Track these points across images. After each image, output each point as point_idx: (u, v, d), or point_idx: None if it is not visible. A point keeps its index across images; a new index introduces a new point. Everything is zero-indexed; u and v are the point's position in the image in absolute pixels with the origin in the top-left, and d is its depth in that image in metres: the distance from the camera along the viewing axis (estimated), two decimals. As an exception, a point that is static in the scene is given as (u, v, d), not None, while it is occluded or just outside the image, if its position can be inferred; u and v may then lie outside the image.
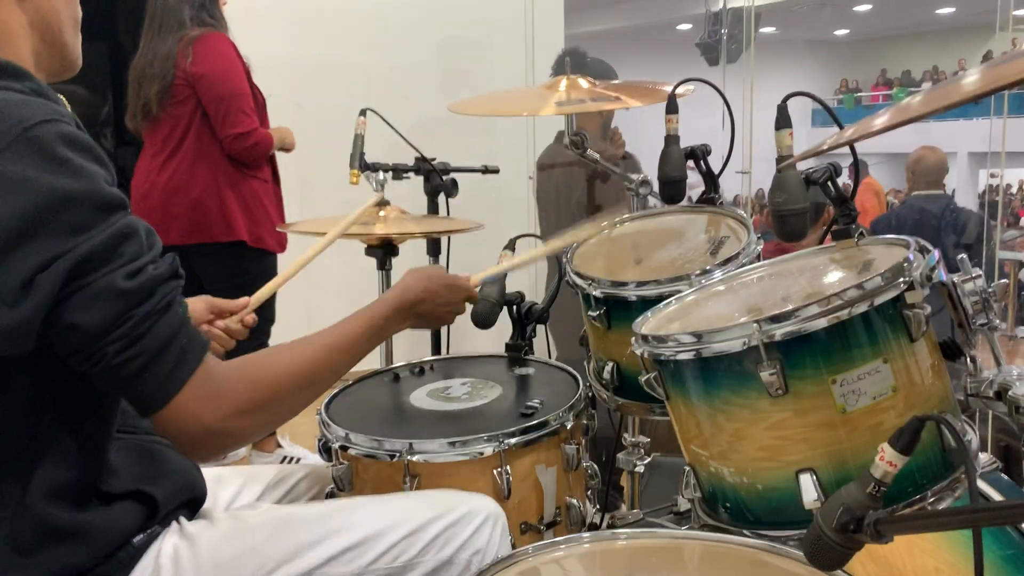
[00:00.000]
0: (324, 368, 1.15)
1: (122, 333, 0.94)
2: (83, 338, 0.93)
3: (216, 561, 1.11)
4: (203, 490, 1.22)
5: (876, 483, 0.82)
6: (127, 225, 0.95)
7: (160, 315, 0.97)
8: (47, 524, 1.00)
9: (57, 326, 0.92)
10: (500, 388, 1.61)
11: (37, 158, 0.89)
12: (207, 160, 2.91)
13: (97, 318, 0.92)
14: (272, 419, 1.10)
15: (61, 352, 0.95)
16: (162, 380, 0.97)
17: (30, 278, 0.89)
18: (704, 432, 1.17)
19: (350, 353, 1.20)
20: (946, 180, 4.63)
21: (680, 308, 1.37)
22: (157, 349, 0.96)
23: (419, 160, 2.35)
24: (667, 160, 1.69)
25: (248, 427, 1.05)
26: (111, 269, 0.93)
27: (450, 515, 1.21)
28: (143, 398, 0.98)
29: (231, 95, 2.87)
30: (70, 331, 0.92)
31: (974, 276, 1.14)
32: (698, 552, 1.12)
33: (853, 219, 1.35)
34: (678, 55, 10.55)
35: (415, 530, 1.18)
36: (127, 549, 1.08)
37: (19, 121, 0.90)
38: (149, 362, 0.96)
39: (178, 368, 0.98)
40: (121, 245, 0.94)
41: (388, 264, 2.23)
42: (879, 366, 1.06)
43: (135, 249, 0.96)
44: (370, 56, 4.15)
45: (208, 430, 1.00)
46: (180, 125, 2.91)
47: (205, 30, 2.89)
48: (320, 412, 1.52)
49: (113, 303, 0.93)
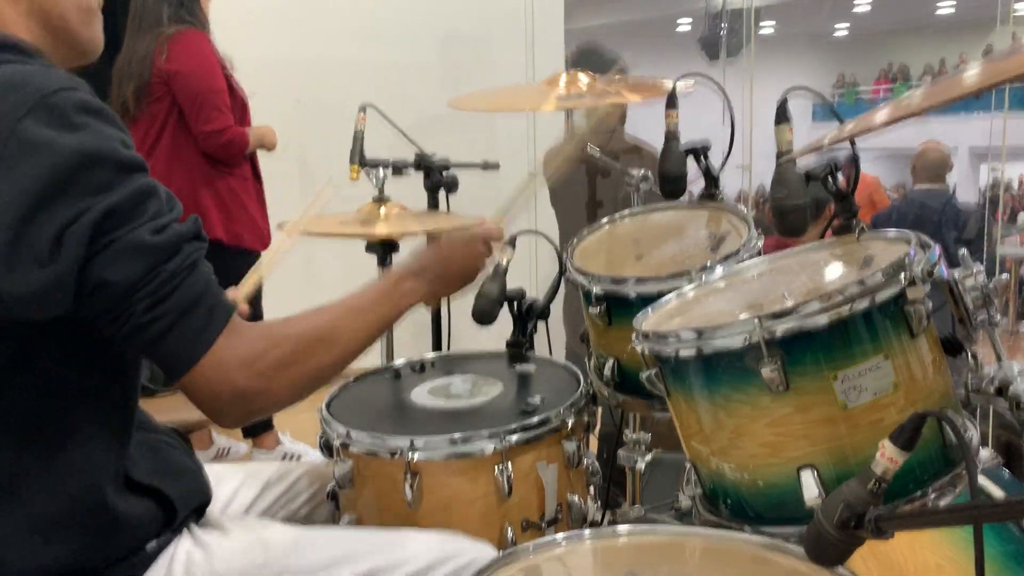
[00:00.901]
0: (346, 327, 1.13)
1: (150, 290, 0.94)
2: (112, 296, 0.93)
3: (228, 571, 1.11)
4: (209, 493, 1.22)
5: (877, 479, 0.82)
6: (148, 184, 0.97)
7: (188, 272, 0.97)
8: (69, 505, 1.00)
9: (86, 285, 0.92)
10: (501, 385, 1.61)
11: (57, 122, 0.91)
12: (182, 158, 2.91)
13: (125, 274, 0.93)
14: (300, 380, 1.06)
15: (90, 315, 0.95)
16: (191, 338, 0.97)
17: (58, 236, 0.90)
18: (705, 429, 1.17)
19: (369, 315, 1.18)
20: (948, 176, 4.63)
21: (681, 304, 1.37)
22: (185, 307, 0.96)
23: (419, 156, 2.35)
24: (667, 156, 1.69)
25: (276, 387, 1.03)
26: (136, 225, 0.94)
27: (456, 560, 1.20)
28: (172, 358, 0.98)
29: (206, 91, 2.86)
30: (99, 289, 0.93)
31: (975, 272, 1.13)
32: (699, 549, 1.12)
33: (854, 214, 1.35)
34: (678, 51, 10.55)
35: (420, 571, 1.18)
36: (140, 554, 1.08)
37: (37, 89, 0.92)
38: (178, 320, 0.96)
39: (207, 327, 0.98)
40: (144, 202, 0.95)
41: (388, 261, 2.23)
42: (880, 362, 1.06)
43: (158, 207, 0.97)
44: (370, 52, 4.15)
45: (237, 391, 1.00)
46: (156, 123, 2.91)
47: (183, 28, 2.89)
48: (321, 409, 1.52)
49: (140, 258, 0.94)
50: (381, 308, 1.20)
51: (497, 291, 1.67)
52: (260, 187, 3.11)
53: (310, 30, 4.10)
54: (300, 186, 3.96)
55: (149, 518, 1.09)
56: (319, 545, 1.17)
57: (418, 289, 1.26)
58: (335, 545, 1.18)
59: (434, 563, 1.19)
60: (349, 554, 1.16)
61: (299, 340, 1.07)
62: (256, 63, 3.04)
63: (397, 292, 1.24)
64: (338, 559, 1.15)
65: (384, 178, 2.20)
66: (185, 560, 1.10)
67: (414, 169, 2.36)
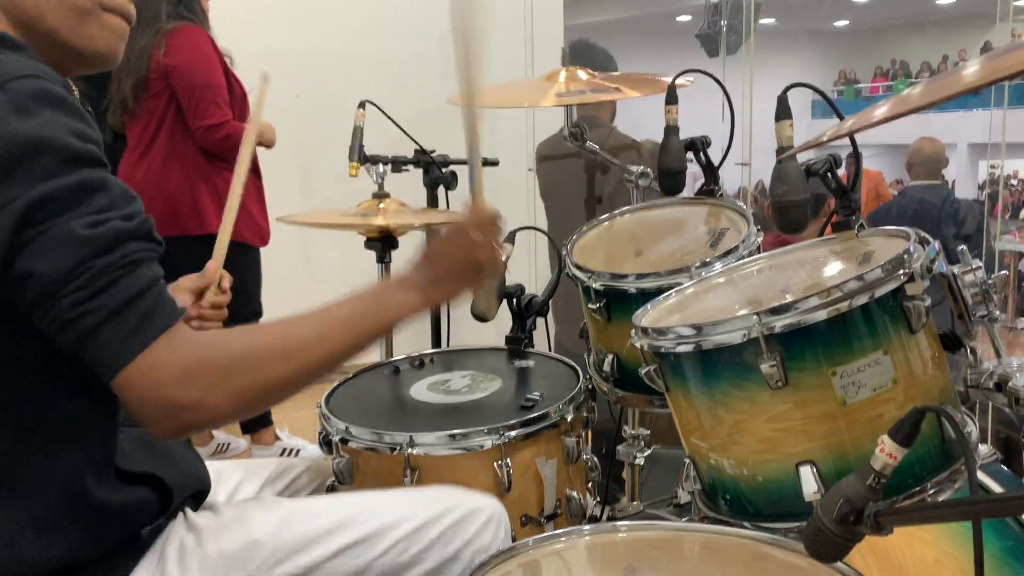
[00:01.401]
0: (310, 342, 1.01)
1: (79, 284, 0.88)
2: (39, 288, 0.88)
3: (221, 553, 1.11)
4: (208, 482, 1.22)
5: (876, 475, 0.82)
6: (97, 179, 0.92)
7: (124, 271, 0.91)
8: (60, 501, 1.00)
9: (15, 275, 0.88)
10: (500, 381, 1.61)
11: (8, 108, 0.88)
12: (180, 153, 2.90)
13: (53, 265, 0.88)
14: (243, 393, 0.96)
15: (22, 307, 0.90)
16: (122, 339, 0.90)
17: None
18: (704, 424, 1.17)
19: (343, 331, 1.05)
20: (946, 171, 4.62)
21: (680, 300, 1.37)
22: (116, 307, 0.90)
23: (418, 152, 2.35)
24: (666, 151, 1.69)
25: (212, 400, 0.93)
26: (71, 216, 0.89)
27: (454, 512, 1.21)
28: (101, 358, 0.90)
29: (203, 86, 2.85)
30: (26, 279, 0.88)
31: (974, 267, 1.13)
32: (698, 544, 1.12)
33: (853, 211, 1.35)
34: (678, 46, 10.54)
35: (420, 527, 1.18)
36: (134, 541, 1.08)
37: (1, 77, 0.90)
38: (107, 318, 0.89)
39: (139, 330, 0.90)
40: (86, 195, 0.90)
41: (387, 257, 2.23)
42: (879, 358, 1.06)
43: (103, 202, 0.91)
44: (369, 48, 4.14)
45: (168, 401, 0.91)
46: (154, 119, 2.90)
47: (181, 23, 2.88)
48: (320, 405, 1.52)
49: (70, 250, 0.88)
50: (361, 323, 1.07)
51: (496, 287, 1.67)
52: (259, 183, 3.10)
53: (309, 26, 4.10)
54: (299, 182, 3.95)
55: (144, 505, 1.09)
56: (311, 516, 1.17)
57: (408, 300, 1.12)
58: (328, 514, 1.18)
59: (431, 519, 1.19)
60: (343, 521, 1.17)
61: (247, 350, 0.97)
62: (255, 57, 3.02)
63: (381, 306, 1.10)
64: (332, 528, 1.15)
65: (384, 174, 2.20)
66: (178, 545, 1.10)
67: (413, 165, 2.36)
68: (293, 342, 1.01)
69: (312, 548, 1.13)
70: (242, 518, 1.17)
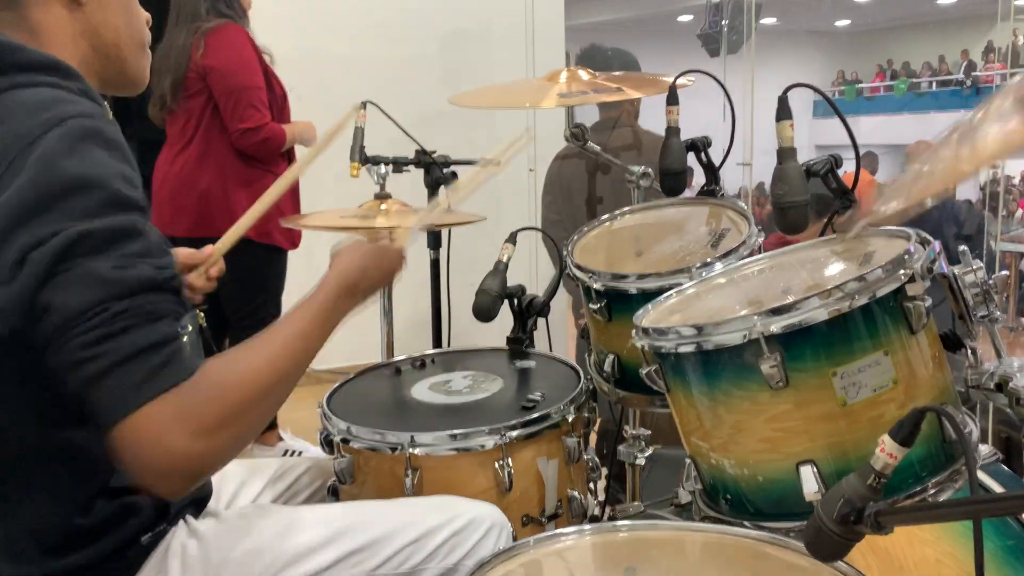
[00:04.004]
0: (288, 366, 1.01)
1: (94, 324, 0.86)
2: (54, 323, 0.87)
3: (224, 560, 1.11)
4: (209, 488, 1.22)
5: (876, 475, 0.83)
6: (136, 225, 0.92)
7: (141, 320, 0.88)
8: (57, 520, 1.00)
9: (36, 308, 0.87)
10: (501, 381, 1.61)
11: (62, 145, 0.91)
12: (215, 154, 2.89)
13: (71, 301, 0.86)
14: (240, 435, 0.94)
15: (38, 342, 0.89)
16: (125, 391, 0.86)
17: (24, 256, 0.87)
18: (705, 424, 1.17)
19: (308, 348, 1.05)
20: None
21: (681, 301, 1.37)
22: (127, 355, 0.87)
23: (419, 153, 2.35)
24: (668, 152, 1.69)
25: (216, 448, 0.90)
26: (103, 257, 0.88)
27: (456, 522, 1.21)
28: (101, 406, 0.87)
29: (241, 88, 2.84)
30: (44, 312, 0.87)
31: (975, 268, 1.14)
32: (699, 544, 1.13)
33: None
34: (679, 46, 10.53)
35: (421, 536, 1.19)
36: (135, 548, 1.08)
37: (57, 114, 0.93)
38: (115, 366, 0.86)
39: (147, 383, 0.87)
40: (122, 240, 0.90)
41: (389, 257, 2.23)
42: (880, 358, 1.06)
43: (136, 248, 0.91)
44: (371, 48, 4.14)
45: (170, 453, 0.87)
46: (193, 118, 2.89)
47: (221, 21, 2.86)
48: (322, 405, 1.52)
49: (91, 289, 0.87)
50: (319, 339, 1.08)
51: (498, 288, 1.67)
52: (296, 187, 3.09)
53: (311, 27, 4.10)
54: (300, 183, 3.95)
55: (141, 513, 1.09)
56: (313, 524, 1.18)
57: (348, 309, 1.16)
58: (330, 522, 1.18)
59: (432, 528, 1.20)
60: (344, 529, 1.17)
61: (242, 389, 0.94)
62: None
63: (331, 316, 1.11)
64: (333, 536, 1.16)
65: (385, 175, 2.20)
66: (180, 551, 1.10)
67: (414, 166, 2.36)
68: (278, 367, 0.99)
69: (313, 556, 1.14)
70: (244, 525, 1.17)
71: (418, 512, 1.23)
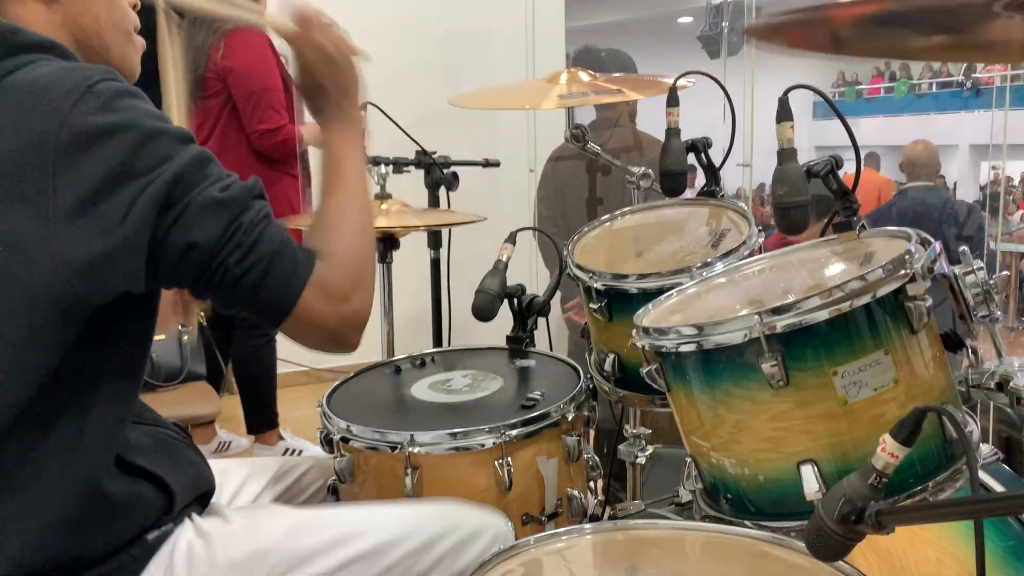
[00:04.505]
0: (366, 211, 1.19)
1: (237, 241, 0.97)
2: (202, 255, 0.96)
3: (230, 560, 1.11)
4: (212, 484, 1.22)
5: (877, 474, 0.83)
6: (204, 152, 1.00)
7: (265, 223, 1.00)
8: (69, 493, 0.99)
9: (175, 252, 0.95)
10: (501, 380, 1.61)
11: (104, 108, 0.94)
12: (232, 154, 2.89)
13: (209, 231, 0.96)
14: (370, 279, 1.12)
15: (185, 281, 0.99)
16: (286, 282, 1.01)
17: (127, 211, 0.92)
18: (705, 424, 1.17)
19: (365, 183, 1.24)
20: (946, 172, 4.63)
21: (681, 300, 1.37)
22: (273, 252, 1.00)
23: (420, 153, 2.35)
24: (668, 153, 1.69)
25: (364, 299, 1.08)
26: (205, 186, 0.97)
27: (461, 530, 1.21)
28: (272, 305, 1.01)
29: (261, 90, 2.84)
30: (188, 251, 0.95)
31: (975, 268, 1.14)
32: (700, 543, 1.13)
33: (854, 212, 1.35)
34: (679, 48, 10.52)
35: (426, 543, 1.18)
36: (141, 544, 1.08)
37: (82, 80, 0.95)
38: (270, 266, 0.99)
39: (298, 268, 1.02)
40: (206, 166, 0.98)
41: (389, 257, 2.23)
42: (880, 358, 1.06)
43: (218, 170, 1.00)
44: (371, 49, 4.14)
45: (341, 317, 1.05)
46: (210, 118, 2.89)
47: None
48: (321, 404, 1.52)
49: (218, 214, 0.97)
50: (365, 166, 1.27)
51: (497, 287, 1.67)
52: (309, 188, 3.10)
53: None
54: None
55: (148, 505, 1.09)
56: (319, 527, 1.17)
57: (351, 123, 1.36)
58: (336, 526, 1.18)
59: (438, 536, 1.19)
60: (350, 534, 1.17)
61: (356, 251, 1.11)
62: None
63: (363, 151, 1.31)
64: (339, 540, 1.15)
65: (385, 175, 2.20)
66: (187, 550, 1.10)
67: (415, 166, 2.36)
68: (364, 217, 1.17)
69: (319, 559, 1.13)
70: (251, 526, 1.17)
71: (424, 519, 1.22)
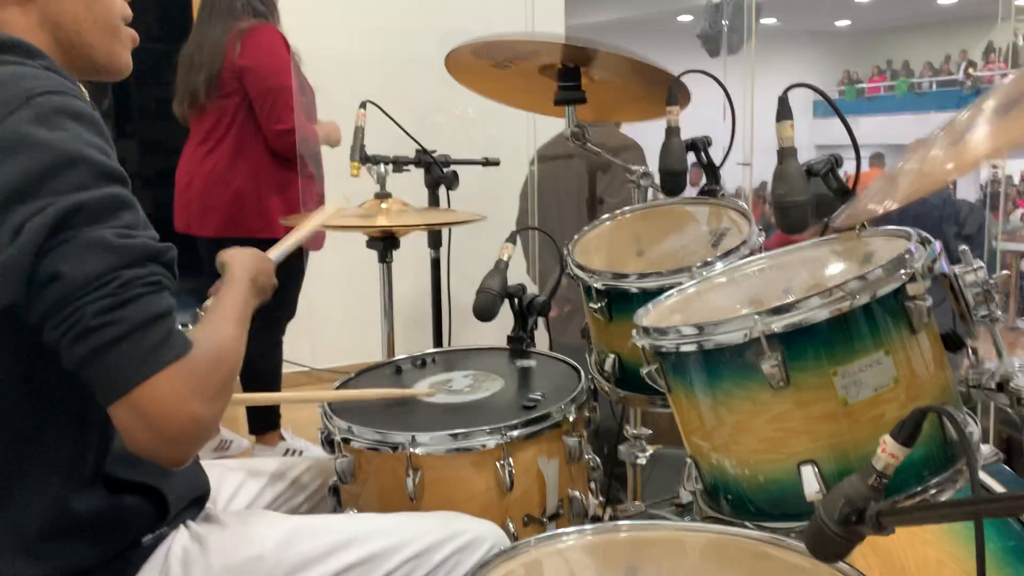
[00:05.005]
0: (243, 342, 1.06)
1: (108, 292, 0.87)
2: (63, 290, 0.87)
3: (226, 565, 1.11)
4: (207, 487, 1.22)
5: (878, 475, 0.82)
6: (126, 196, 0.93)
7: (151, 289, 0.90)
8: (59, 511, 1.00)
9: (40, 277, 0.87)
10: (502, 381, 1.61)
11: (38, 122, 0.90)
12: (248, 154, 2.89)
13: (81, 268, 0.87)
14: (227, 400, 0.99)
15: (39, 313, 0.89)
16: (141, 357, 0.88)
17: (20, 226, 0.87)
18: (706, 424, 1.17)
19: (247, 331, 1.09)
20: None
21: (681, 300, 1.37)
22: (142, 321, 0.88)
23: (420, 152, 2.35)
24: (668, 152, 1.69)
25: (218, 412, 0.95)
26: (103, 226, 0.89)
27: (459, 539, 1.21)
28: (113, 374, 0.88)
29: (278, 89, 2.84)
30: (52, 281, 0.87)
31: (976, 268, 1.13)
32: (700, 544, 1.12)
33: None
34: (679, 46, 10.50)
35: (423, 551, 1.18)
36: (136, 549, 1.08)
37: (25, 91, 0.92)
38: (132, 332, 0.88)
39: (163, 347, 0.89)
40: (117, 210, 0.91)
41: (389, 257, 2.23)
42: (880, 358, 1.06)
43: (132, 219, 0.92)
44: (371, 49, 4.14)
45: (188, 418, 0.90)
46: (225, 117, 2.89)
47: (256, 21, 2.86)
48: (323, 404, 1.52)
49: (101, 256, 0.88)
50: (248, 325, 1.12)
51: (498, 287, 1.67)
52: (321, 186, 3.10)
53: (311, 27, 4.09)
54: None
55: (141, 514, 1.09)
56: (316, 534, 1.17)
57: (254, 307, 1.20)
58: (333, 532, 1.18)
59: (435, 544, 1.19)
60: (347, 540, 1.17)
61: (230, 358, 1.00)
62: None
63: (250, 311, 1.16)
64: (335, 547, 1.15)
65: (385, 174, 2.20)
66: (182, 555, 1.10)
67: (415, 165, 2.36)
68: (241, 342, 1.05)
69: (315, 566, 1.13)
70: (247, 532, 1.17)
71: (421, 527, 1.22)
